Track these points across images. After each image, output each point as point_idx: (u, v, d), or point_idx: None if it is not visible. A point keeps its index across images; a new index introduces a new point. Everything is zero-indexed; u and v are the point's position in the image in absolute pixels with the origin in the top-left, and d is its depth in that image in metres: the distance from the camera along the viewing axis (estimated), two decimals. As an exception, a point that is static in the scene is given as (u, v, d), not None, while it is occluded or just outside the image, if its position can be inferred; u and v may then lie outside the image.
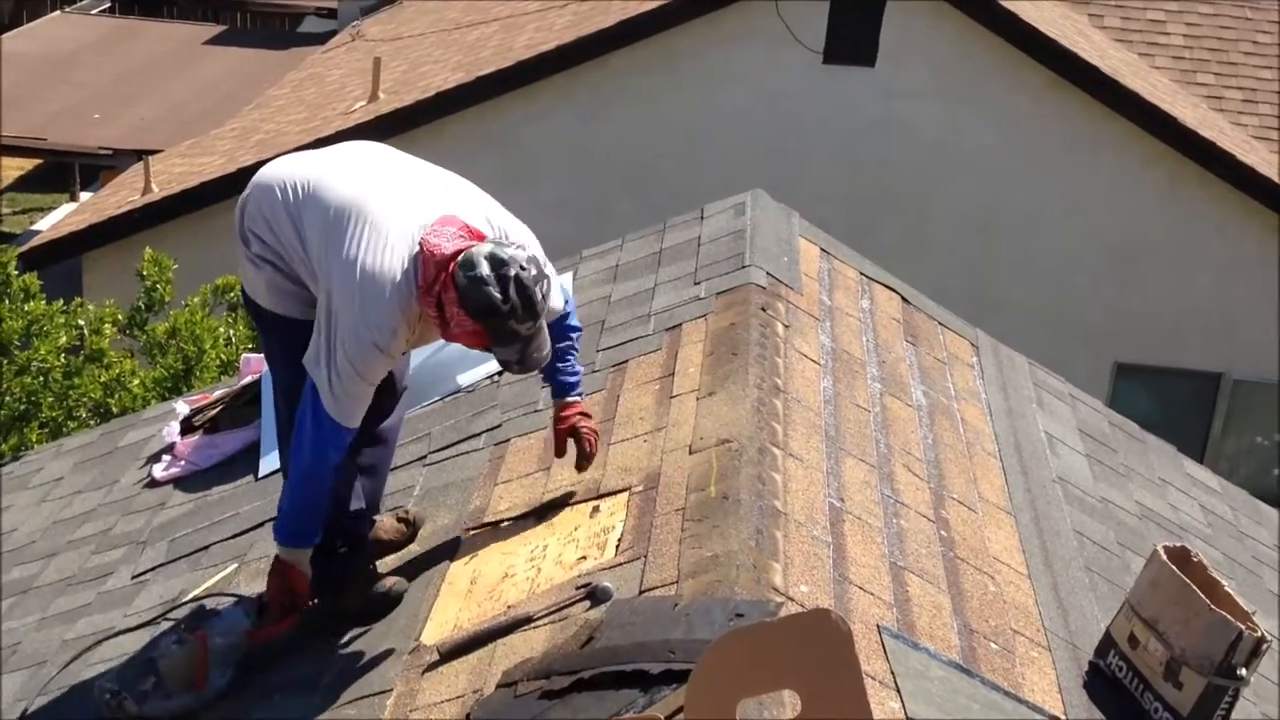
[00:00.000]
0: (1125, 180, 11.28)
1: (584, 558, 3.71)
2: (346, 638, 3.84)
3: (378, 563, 4.10)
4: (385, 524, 4.25)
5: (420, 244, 3.63)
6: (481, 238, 3.66)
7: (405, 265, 3.62)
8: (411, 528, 4.27)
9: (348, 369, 3.63)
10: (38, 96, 17.05)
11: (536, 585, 3.66)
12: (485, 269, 3.52)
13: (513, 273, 3.52)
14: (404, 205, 3.74)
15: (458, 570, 3.94)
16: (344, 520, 4.00)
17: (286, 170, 3.92)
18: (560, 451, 4.06)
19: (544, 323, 3.64)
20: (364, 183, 3.80)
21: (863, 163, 11.38)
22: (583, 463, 4.03)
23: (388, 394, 4.06)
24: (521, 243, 3.69)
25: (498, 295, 3.51)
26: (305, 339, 3.79)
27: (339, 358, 3.62)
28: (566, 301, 4.13)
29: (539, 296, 3.57)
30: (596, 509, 3.89)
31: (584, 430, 4.03)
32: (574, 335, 4.12)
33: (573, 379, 4.09)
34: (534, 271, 3.56)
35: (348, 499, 4.00)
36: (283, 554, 3.83)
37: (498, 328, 3.55)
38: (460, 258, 3.57)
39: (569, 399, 4.06)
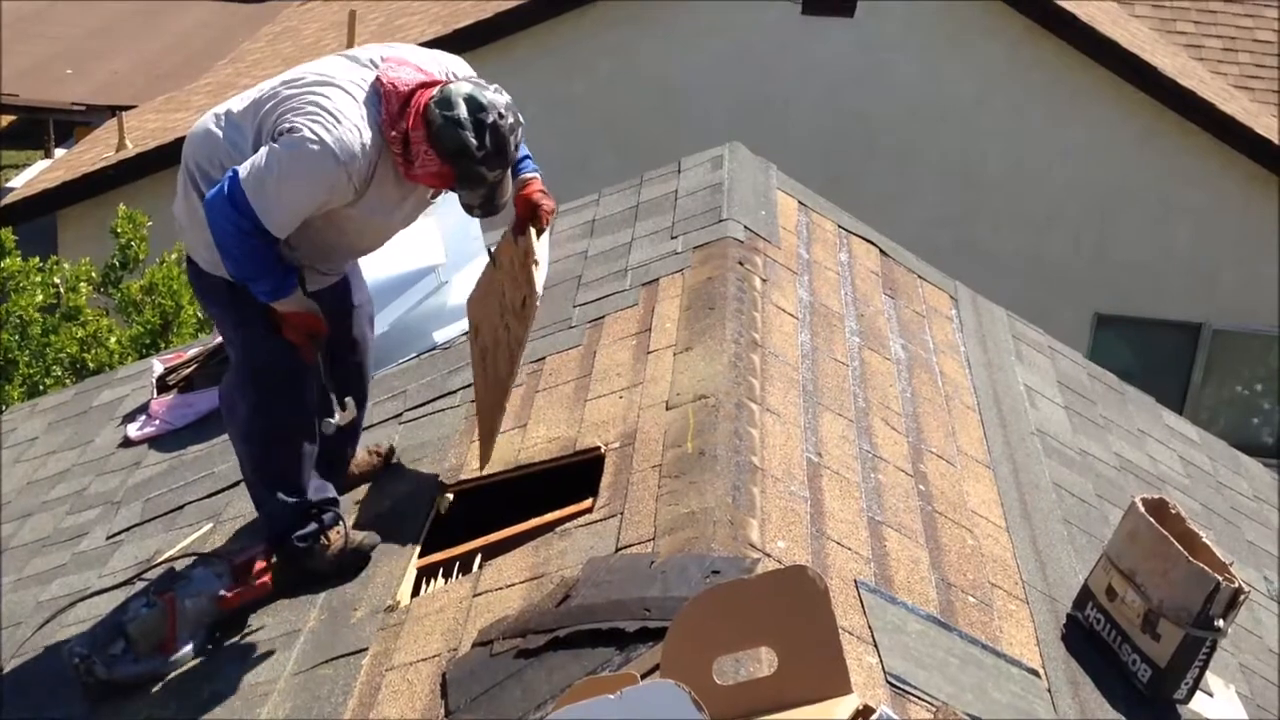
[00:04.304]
0: (1105, 130, 11.23)
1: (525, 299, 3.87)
2: (321, 598, 3.82)
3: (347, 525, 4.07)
4: (356, 458, 4.30)
5: (377, 79, 3.62)
6: (434, 80, 3.65)
7: (365, 100, 3.60)
8: (382, 459, 4.29)
9: (287, 160, 3.49)
10: (9, 51, 16.85)
11: None
12: (463, 111, 3.54)
13: (490, 119, 3.56)
14: (346, 57, 3.76)
15: None
16: (307, 495, 3.98)
17: (213, 110, 3.86)
18: (522, 226, 3.98)
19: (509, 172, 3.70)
20: (297, 66, 3.79)
21: (842, 114, 11.31)
22: (539, 228, 3.98)
23: (347, 349, 4.08)
24: (498, 86, 3.67)
25: (473, 140, 3.54)
26: (264, 310, 3.73)
27: (281, 148, 3.51)
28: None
29: (512, 146, 3.61)
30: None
31: (544, 206, 3.98)
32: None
33: (531, 163, 4.06)
34: (511, 120, 3.61)
35: (307, 477, 3.99)
36: (282, 307, 3.70)
37: (466, 171, 3.59)
38: (437, 95, 3.58)
39: (528, 175, 4.02)
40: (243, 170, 3.51)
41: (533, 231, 3.95)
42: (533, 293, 3.87)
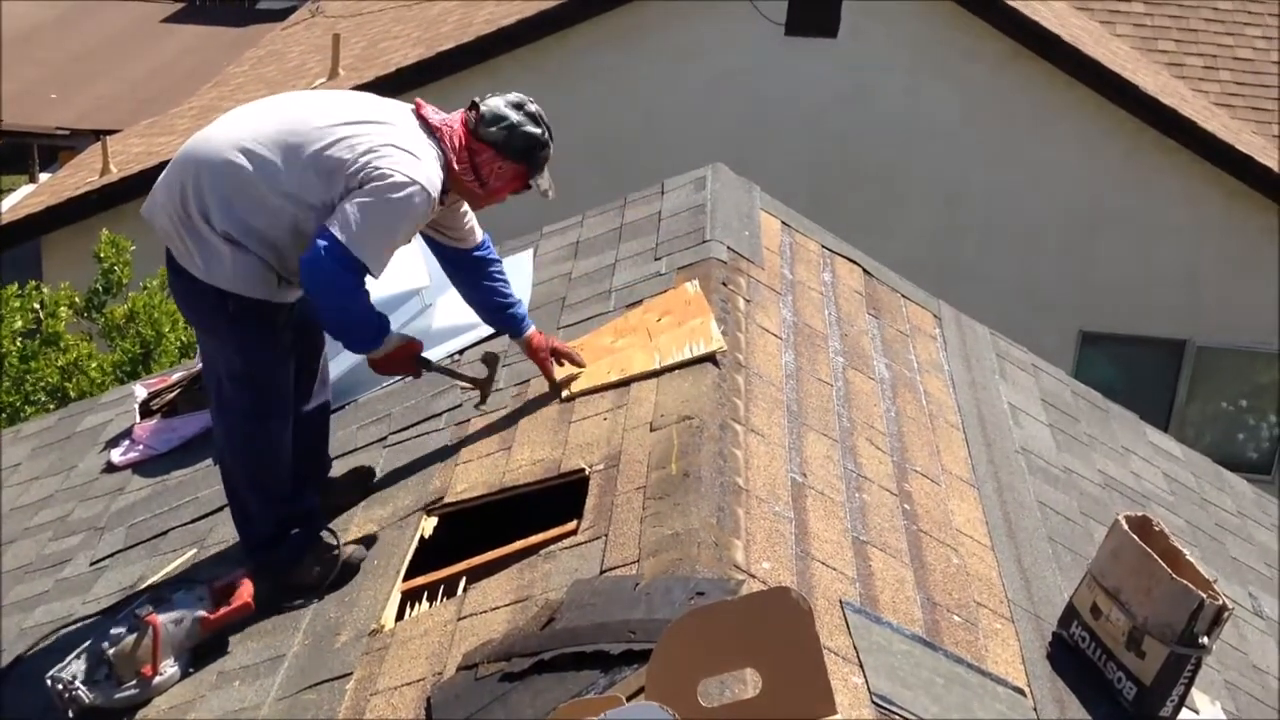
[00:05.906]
0: (1087, 149, 11.28)
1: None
2: (305, 622, 3.80)
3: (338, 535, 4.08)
4: (336, 481, 4.35)
5: (429, 126, 3.85)
6: (461, 116, 3.93)
7: (425, 133, 3.82)
8: (362, 482, 4.34)
9: (386, 206, 3.65)
10: (-7, 76, 16.87)
11: None
12: (514, 114, 3.87)
13: (532, 107, 3.92)
14: (373, 99, 3.92)
15: None
16: (293, 504, 4.02)
17: (230, 139, 3.86)
18: (551, 376, 4.35)
19: None
20: (322, 112, 3.84)
21: (826, 135, 11.34)
22: (579, 365, 4.37)
23: (306, 375, 4.14)
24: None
25: (536, 130, 3.90)
26: (261, 320, 3.79)
27: (375, 198, 3.65)
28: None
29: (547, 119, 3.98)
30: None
31: (567, 352, 4.36)
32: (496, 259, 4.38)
33: (523, 310, 4.38)
34: (534, 102, 3.93)
35: (291, 487, 4.03)
36: (390, 348, 3.89)
37: (538, 158, 3.95)
38: (480, 115, 3.86)
39: (533, 332, 4.34)
40: (338, 231, 3.61)
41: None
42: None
